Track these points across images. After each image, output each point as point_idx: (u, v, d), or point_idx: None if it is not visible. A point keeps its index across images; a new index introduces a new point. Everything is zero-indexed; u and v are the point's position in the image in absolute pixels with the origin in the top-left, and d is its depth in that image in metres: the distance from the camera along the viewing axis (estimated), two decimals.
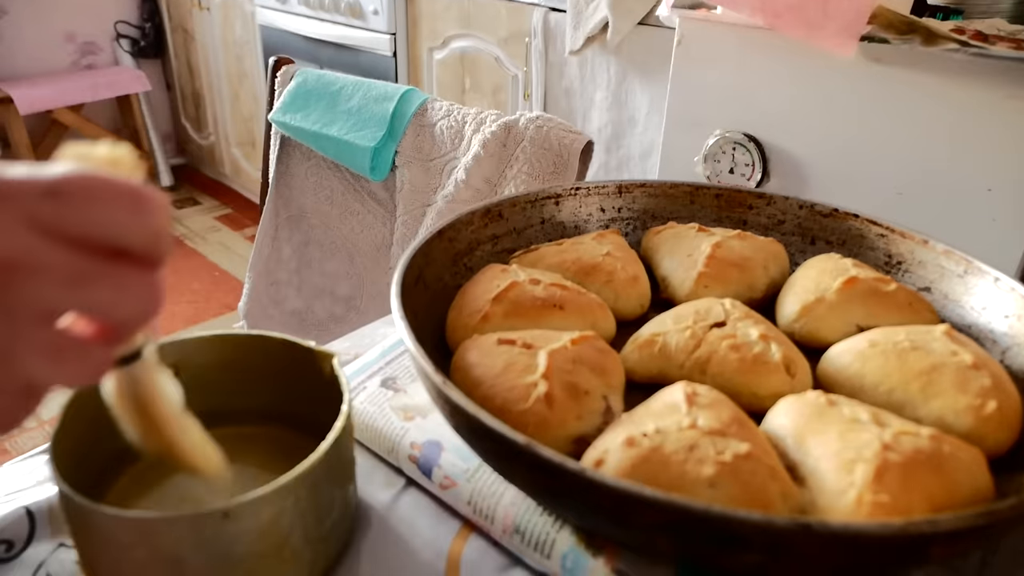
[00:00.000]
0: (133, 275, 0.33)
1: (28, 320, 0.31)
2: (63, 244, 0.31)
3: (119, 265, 0.33)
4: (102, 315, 0.33)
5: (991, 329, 0.68)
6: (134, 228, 0.32)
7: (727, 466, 0.47)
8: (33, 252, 0.30)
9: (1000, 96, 0.80)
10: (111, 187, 0.32)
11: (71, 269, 0.31)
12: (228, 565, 0.48)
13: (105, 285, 0.32)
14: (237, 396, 0.64)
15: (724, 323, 0.65)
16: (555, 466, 0.43)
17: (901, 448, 0.48)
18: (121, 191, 0.32)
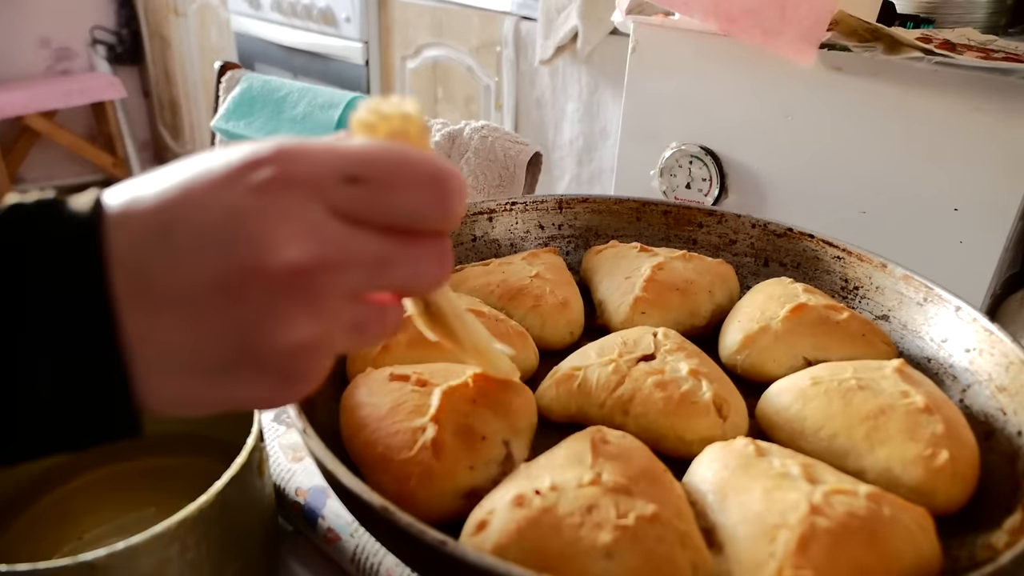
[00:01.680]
0: (428, 250, 0.33)
1: (334, 305, 0.31)
2: (367, 232, 0.31)
3: (417, 244, 0.33)
4: (400, 290, 0.34)
5: (951, 364, 0.62)
6: (435, 213, 0.32)
7: (628, 531, 0.40)
8: (341, 244, 0.30)
9: (967, 109, 0.74)
10: (413, 171, 0.32)
11: (376, 256, 0.31)
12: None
13: (405, 264, 0.32)
14: (165, 422, 0.57)
15: (653, 356, 0.58)
16: (412, 536, 0.36)
17: (832, 512, 0.41)
18: (424, 175, 0.32)
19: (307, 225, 0.29)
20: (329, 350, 0.32)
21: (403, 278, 0.33)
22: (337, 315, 0.31)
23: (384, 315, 0.34)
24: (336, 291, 0.30)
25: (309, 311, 0.30)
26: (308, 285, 0.29)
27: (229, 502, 0.44)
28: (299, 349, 0.30)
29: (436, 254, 0.33)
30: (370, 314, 0.33)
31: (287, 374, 0.31)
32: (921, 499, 0.47)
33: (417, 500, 0.45)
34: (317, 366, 0.31)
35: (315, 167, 0.30)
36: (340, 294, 0.31)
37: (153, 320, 0.28)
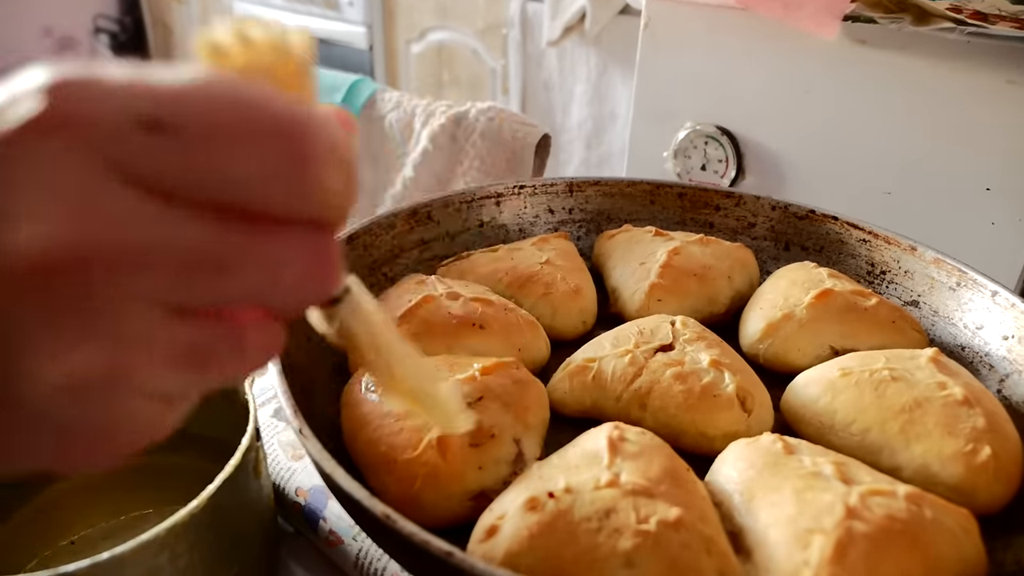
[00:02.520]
0: (288, 246, 0.22)
1: (132, 320, 0.20)
2: (178, 210, 0.20)
3: (271, 238, 0.22)
4: (253, 304, 0.23)
5: (987, 352, 0.58)
6: (281, 185, 0.21)
7: (650, 537, 0.37)
8: (130, 225, 0.20)
9: (1000, 82, 0.71)
10: (247, 118, 0.20)
11: (192, 249, 0.20)
12: None
13: (248, 266, 0.21)
14: None
15: (671, 346, 0.55)
16: (416, 546, 0.33)
17: (870, 515, 0.38)
18: (264, 126, 0.20)
19: (74, 191, 0.19)
20: (135, 388, 0.21)
21: (251, 288, 0.22)
22: (141, 335, 0.21)
23: (240, 339, 0.23)
24: (131, 300, 0.20)
25: (82, 331, 0.20)
26: (76, 289, 0.19)
27: (222, 506, 0.41)
28: (75, 389, 0.20)
29: (304, 253, 0.22)
30: (212, 337, 0.22)
31: (70, 426, 0.21)
32: (961, 498, 0.44)
33: (423, 503, 0.43)
34: (120, 415, 0.22)
35: (100, 105, 0.19)
36: (141, 306, 0.20)
37: None
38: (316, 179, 0.21)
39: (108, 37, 3.55)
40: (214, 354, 0.22)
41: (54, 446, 0.22)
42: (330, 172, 0.21)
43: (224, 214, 0.21)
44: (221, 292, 0.21)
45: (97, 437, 0.22)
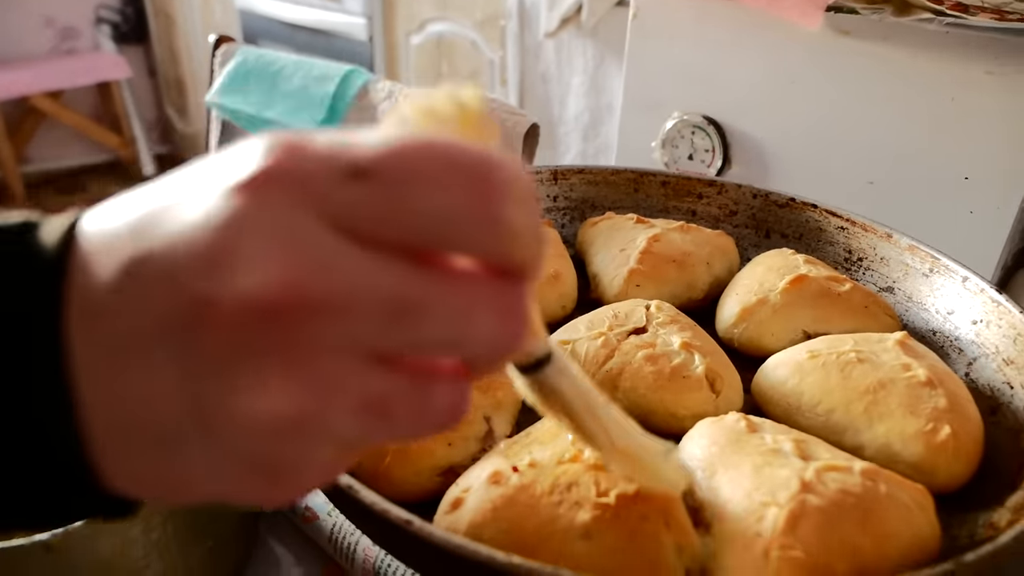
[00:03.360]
0: (482, 293, 0.22)
1: (331, 367, 0.21)
2: (380, 255, 0.21)
3: (464, 284, 0.22)
4: (446, 354, 0.23)
5: (957, 336, 0.59)
6: (474, 222, 0.21)
7: (609, 510, 0.38)
8: (340, 270, 0.20)
9: (980, 72, 0.71)
10: (441, 160, 0.21)
11: (392, 293, 0.21)
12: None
13: (445, 311, 0.22)
14: None
15: (645, 329, 0.56)
16: (377, 515, 0.34)
17: (824, 489, 0.39)
18: (457, 165, 0.21)
19: (289, 238, 0.20)
20: (322, 437, 0.22)
21: (441, 337, 0.22)
22: (338, 383, 0.21)
23: (428, 394, 0.23)
24: (332, 344, 0.21)
25: (286, 371, 0.21)
26: (285, 330, 0.20)
27: None
28: (271, 427, 0.21)
29: (497, 301, 0.23)
30: (400, 390, 0.22)
31: (258, 462, 0.22)
32: (921, 476, 0.45)
33: (393, 478, 0.44)
34: (305, 457, 0.22)
35: (314, 161, 0.21)
36: (340, 350, 0.21)
37: (106, 365, 0.21)
38: (503, 213, 0.22)
39: (110, 27, 3.56)
40: (400, 406, 0.22)
41: (236, 480, 0.22)
42: (515, 208, 0.22)
43: (421, 258, 0.22)
44: (415, 338, 0.22)
45: (278, 476, 0.23)
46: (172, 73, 3.65)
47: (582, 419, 0.32)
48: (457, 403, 0.24)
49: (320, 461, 0.23)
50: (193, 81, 3.49)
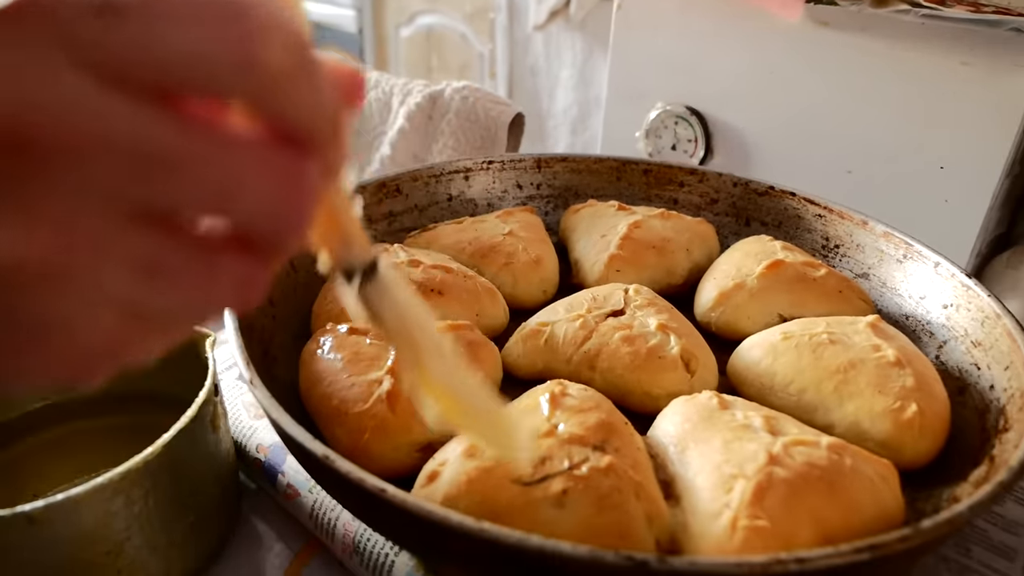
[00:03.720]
0: (254, 153, 0.21)
1: (92, 220, 0.20)
2: (129, 97, 0.20)
3: (232, 139, 0.21)
4: (208, 214, 0.22)
5: (929, 320, 0.60)
6: (226, 63, 0.20)
7: (581, 481, 0.39)
8: (83, 108, 0.19)
9: (955, 63, 0.72)
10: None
11: (138, 138, 0.20)
12: (45, 575, 0.40)
13: (210, 167, 0.21)
14: (110, 380, 0.56)
15: (623, 311, 0.57)
16: (352, 484, 0.35)
17: (791, 462, 0.40)
18: (209, 2, 0.20)
19: (24, 73, 0.19)
20: (87, 289, 0.21)
21: (207, 191, 0.21)
22: (90, 234, 0.20)
23: (210, 263, 0.22)
24: (75, 190, 0.20)
25: (21, 212, 0.19)
26: (16, 168, 0.19)
27: (178, 456, 0.43)
28: (14, 274, 0.20)
29: (274, 169, 0.22)
30: (174, 253, 0.21)
31: (12, 318, 0.20)
32: (888, 453, 0.46)
33: (371, 453, 0.45)
34: (74, 314, 0.21)
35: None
36: (88, 199, 0.20)
37: None
38: (258, 54, 0.20)
39: None
40: (179, 271, 0.22)
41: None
42: (275, 52, 0.21)
43: (184, 112, 0.20)
44: (173, 194, 0.20)
45: (46, 336, 0.21)
46: None
47: (398, 345, 0.30)
48: (247, 277, 0.23)
49: (98, 324, 0.21)
50: None
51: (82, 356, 0.22)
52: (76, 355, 0.22)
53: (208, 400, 0.46)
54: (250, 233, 0.22)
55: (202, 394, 0.45)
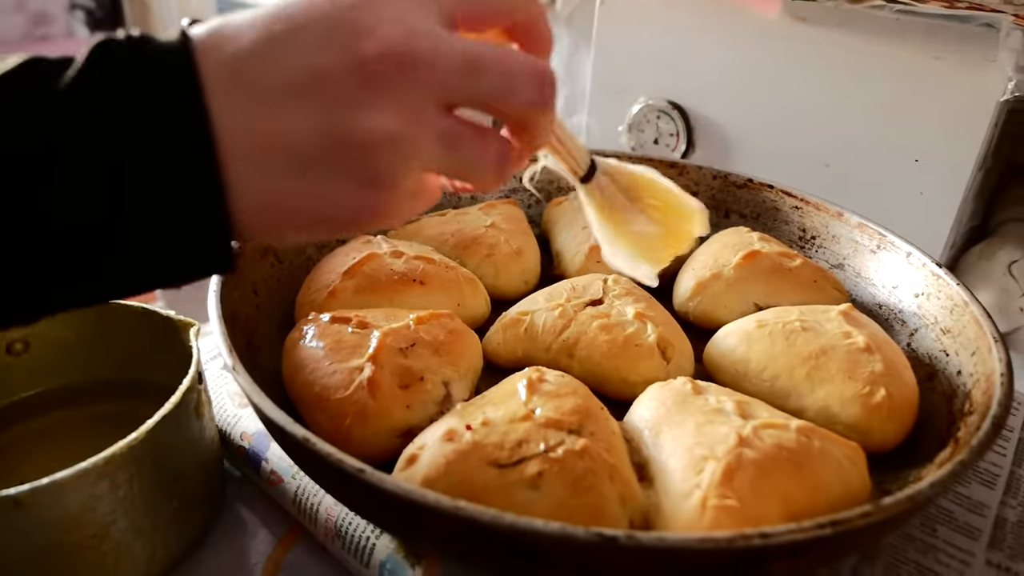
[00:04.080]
0: (527, 66, 0.33)
1: (423, 104, 0.31)
2: (458, 38, 0.32)
3: (515, 55, 0.34)
4: (496, 101, 0.33)
5: (901, 309, 0.62)
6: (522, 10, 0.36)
7: (556, 464, 0.40)
8: (435, 40, 0.31)
9: (928, 58, 0.74)
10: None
11: (467, 55, 0.32)
12: (32, 559, 0.41)
13: (497, 71, 0.32)
14: (97, 369, 0.57)
15: (601, 301, 0.58)
16: (331, 465, 0.36)
17: (760, 444, 0.42)
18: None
19: (404, 16, 0.31)
20: (414, 153, 0.32)
21: (494, 87, 0.33)
22: (426, 117, 0.31)
23: (484, 140, 0.34)
24: (425, 89, 0.31)
25: (396, 101, 0.30)
26: (398, 73, 0.30)
27: (162, 441, 0.44)
28: (382, 140, 0.30)
29: (536, 75, 0.33)
30: (466, 131, 0.33)
31: (368, 173, 0.31)
32: (858, 436, 0.48)
33: (352, 439, 0.46)
34: (399, 168, 0.32)
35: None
36: (430, 94, 0.31)
37: (246, 111, 0.29)
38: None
39: (84, 13, 3.52)
40: (465, 142, 0.33)
41: (352, 192, 0.32)
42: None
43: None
44: (478, 87, 0.32)
45: (382, 186, 0.32)
46: None
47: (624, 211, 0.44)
48: (505, 153, 0.35)
49: (411, 176, 0.33)
50: None
51: (396, 201, 0.33)
52: (392, 200, 0.33)
53: (192, 388, 0.47)
54: (516, 115, 0.35)
55: (186, 381, 0.46)
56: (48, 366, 0.57)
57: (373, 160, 0.31)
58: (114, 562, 0.44)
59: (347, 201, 0.32)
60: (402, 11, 0.31)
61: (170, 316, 0.53)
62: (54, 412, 0.56)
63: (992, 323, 0.51)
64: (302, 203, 0.32)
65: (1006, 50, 0.68)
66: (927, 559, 0.45)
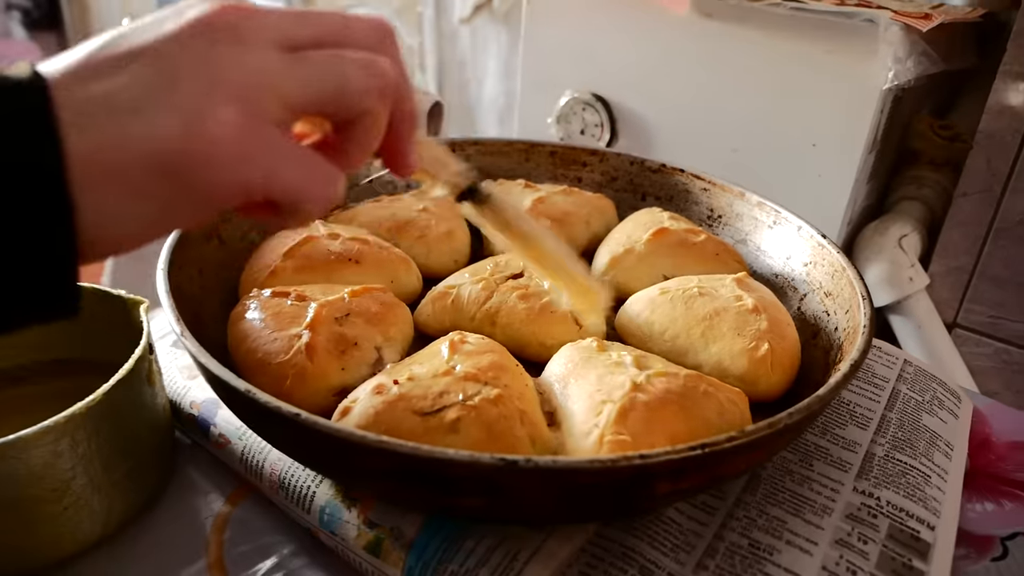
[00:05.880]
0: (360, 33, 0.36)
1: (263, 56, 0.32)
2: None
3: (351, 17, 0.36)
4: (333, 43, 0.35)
5: (793, 277, 0.69)
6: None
7: (472, 410, 0.45)
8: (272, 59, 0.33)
9: (821, 51, 0.81)
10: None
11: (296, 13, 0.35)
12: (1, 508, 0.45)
13: (327, 21, 0.35)
14: (45, 349, 0.61)
15: (521, 274, 0.64)
16: (271, 411, 0.41)
17: (652, 388, 0.48)
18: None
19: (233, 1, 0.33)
20: (275, 101, 0.32)
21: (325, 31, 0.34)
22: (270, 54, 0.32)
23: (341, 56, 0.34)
24: (255, 38, 0.32)
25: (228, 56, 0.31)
26: (223, 30, 0.31)
27: (117, 404, 0.48)
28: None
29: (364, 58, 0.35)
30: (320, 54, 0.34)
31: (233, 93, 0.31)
32: (746, 387, 0.54)
33: (292, 398, 0.50)
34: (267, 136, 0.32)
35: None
36: (263, 44, 0.32)
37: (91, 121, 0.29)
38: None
39: (20, 14, 3.46)
40: (321, 55, 0.34)
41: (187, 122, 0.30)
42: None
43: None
44: (312, 33, 0.34)
45: (253, 107, 0.32)
46: None
47: (521, 244, 0.49)
48: (367, 60, 0.35)
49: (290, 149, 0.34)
50: None
51: (263, 139, 0.33)
52: (260, 137, 0.33)
53: (143, 357, 0.51)
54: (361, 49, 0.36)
55: (138, 351, 0.50)
56: (1, 346, 0.60)
57: (207, 74, 0.31)
58: (74, 514, 0.48)
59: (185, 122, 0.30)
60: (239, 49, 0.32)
61: (120, 295, 0.57)
62: (7, 390, 0.60)
63: (863, 284, 0.58)
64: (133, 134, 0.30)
65: (885, 43, 0.75)
66: (802, 488, 0.52)
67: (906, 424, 0.59)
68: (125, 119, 0.29)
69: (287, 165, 0.33)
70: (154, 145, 0.30)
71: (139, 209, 0.31)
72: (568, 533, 0.47)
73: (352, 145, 0.37)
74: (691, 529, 0.48)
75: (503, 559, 0.45)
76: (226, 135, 0.31)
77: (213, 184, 0.31)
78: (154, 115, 0.30)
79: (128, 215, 0.31)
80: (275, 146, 0.33)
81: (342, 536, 0.48)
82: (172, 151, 0.30)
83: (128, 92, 0.30)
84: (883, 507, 0.50)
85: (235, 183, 0.32)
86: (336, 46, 0.35)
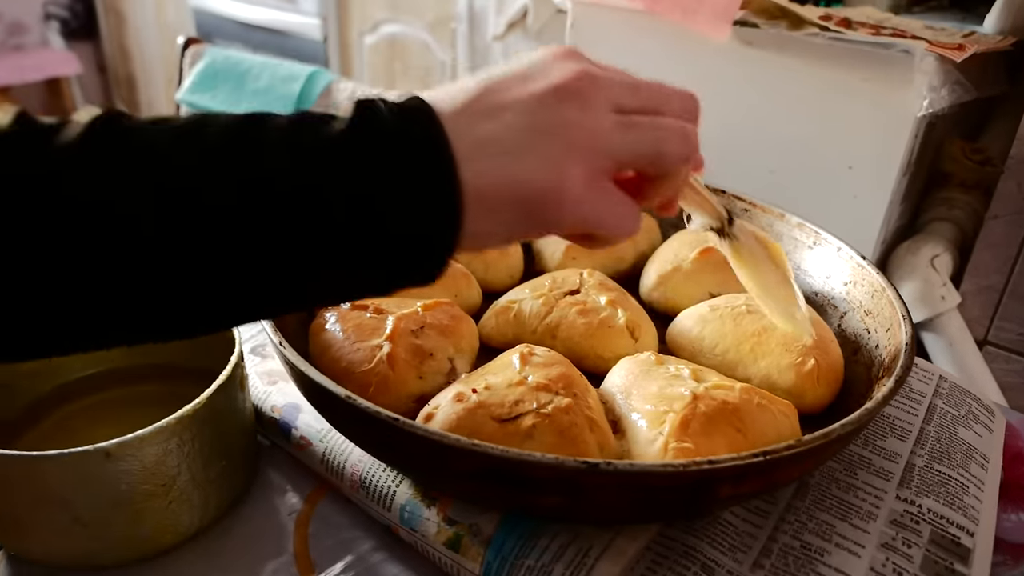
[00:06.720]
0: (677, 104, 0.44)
1: (603, 106, 0.40)
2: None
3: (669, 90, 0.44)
4: (655, 111, 0.42)
5: (832, 296, 0.72)
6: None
7: (546, 418, 0.50)
8: (605, 72, 0.41)
9: (857, 79, 0.85)
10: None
11: (630, 81, 0.42)
12: (115, 504, 0.49)
13: (653, 94, 0.43)
14: (141, 354, 0.65)
15: (578, 291, 0.68)
16: (370, 416, 0.45)
17: (710, 400, 0.52)
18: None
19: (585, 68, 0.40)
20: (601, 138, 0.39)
21: (651, 101, 0.42)
22: (606, 114, 0.39)
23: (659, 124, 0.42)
24: (601, 101, 0.39)
25: (581, 110, 0.39)
26: (578, 93, 0.39)
27: (216, 407, 0.53)
28: (574, 122, 0.38)
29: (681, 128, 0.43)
30: (642, 122, 0.41)
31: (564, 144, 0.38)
32: (793, 398, 0.58)
33: (375, 404, 0.54)
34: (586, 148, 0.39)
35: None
36: (606, 106, 0.39)
37: (469, 124, 0.37)
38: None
39: (59, 23, 3.56)
40: (642, 123, 0.41)
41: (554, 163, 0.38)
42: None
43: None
44: (640, 102, 0.42)
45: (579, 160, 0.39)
46: (123, 70, 3.66)
47: (752, 265, 0.56)
48: (682, 130, 0.43)
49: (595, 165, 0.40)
50: (144, 78, 3.51)
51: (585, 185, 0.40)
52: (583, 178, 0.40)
53: (238, 363, 0.55)
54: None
55: (233, 357, 0.55)
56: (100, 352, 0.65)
57: (566, 134, 0.38)
58: (177, 508, 0.52)
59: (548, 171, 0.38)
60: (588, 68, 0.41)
61: None
62: (104, 392, 0.64)
63: (903, 304, 0.62)
64: (510, 175, 0.37)
65: (920, 73, 0.79)
66: (848, 495, 0.56)
67: (943, 437, 0.62)
68: (504, 160, 0.37)
69: (611, 210, 0.41)
70: (522, 183, 0.38)
71: (491, 227, 0.39)
72: (634, 532, 0.50)
73: (653, 192, 0.45)
74: (746, 531, 0.52)
75: (576, 555, 0.48)
76: (575, 186, 0.39)
77: (556, 219, 0.39)
78: (526, 161, 0.38)
79: (482, 231, 0.38)
80: (605, 194, 0.41)
81: (422, 533, 0.52)
82: (535, 191, 0.38)
83: (505, 138, 0.37)
84: (924, 514, 0.54)
85: (572, 220, 0.40)
86: (656, 113, 0.42)
